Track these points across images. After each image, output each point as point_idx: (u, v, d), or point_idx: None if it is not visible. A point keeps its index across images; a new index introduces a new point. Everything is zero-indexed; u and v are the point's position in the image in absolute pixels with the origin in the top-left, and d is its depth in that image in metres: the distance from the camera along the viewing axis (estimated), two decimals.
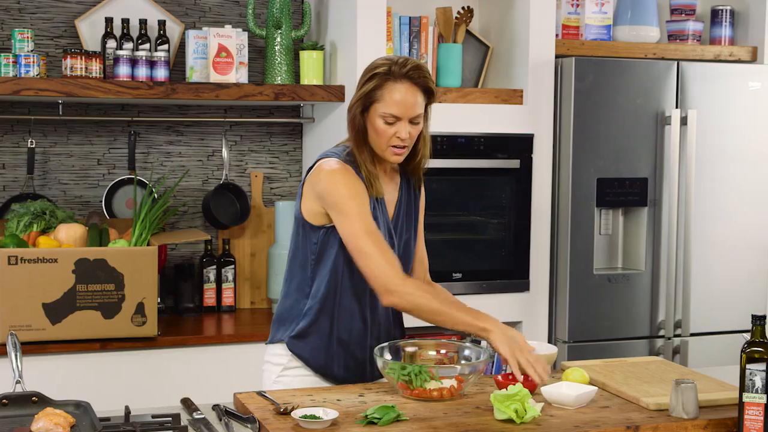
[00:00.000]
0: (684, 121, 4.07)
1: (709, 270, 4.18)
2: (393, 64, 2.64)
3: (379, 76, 2.64)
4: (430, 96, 2.70)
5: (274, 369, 2.80)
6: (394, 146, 2.65)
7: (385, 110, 2.62)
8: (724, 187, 4.19)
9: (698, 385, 2.47)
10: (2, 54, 3.62)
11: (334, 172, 2.64)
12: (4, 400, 2.28)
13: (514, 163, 3.99)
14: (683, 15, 4.44)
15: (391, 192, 2.78)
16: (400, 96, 2.62)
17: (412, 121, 2.65)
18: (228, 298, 4.14)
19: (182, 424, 2.31)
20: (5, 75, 3.59)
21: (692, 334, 4.15)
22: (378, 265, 2.57)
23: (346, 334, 2.74)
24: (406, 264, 2.81)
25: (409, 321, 3.87)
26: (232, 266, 4.14)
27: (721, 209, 4.19)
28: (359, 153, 2.68)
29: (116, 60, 3.76)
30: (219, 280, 4.12)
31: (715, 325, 4.21)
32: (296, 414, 2.27)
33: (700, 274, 4.16)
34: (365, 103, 2.66)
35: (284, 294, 2.80)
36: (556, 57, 4.04)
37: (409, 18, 4.03)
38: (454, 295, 3.89)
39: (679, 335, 4.14)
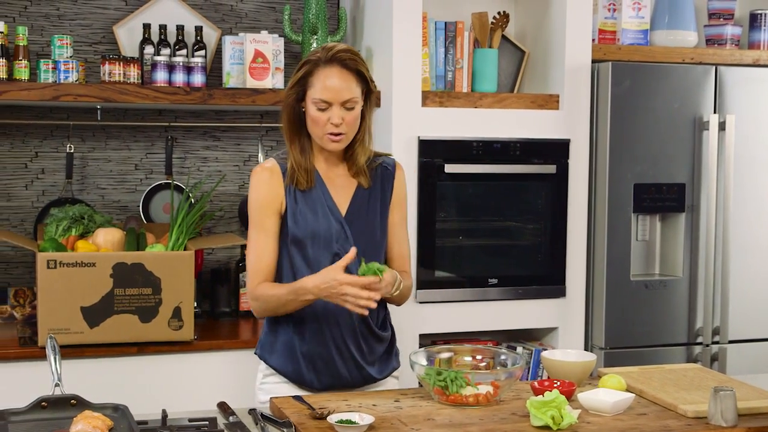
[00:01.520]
0: (722, 126, 4.03)
1: (747, 276, 4.14)
2: (323, 50, 2.65)
3: (310, 63, 2.66)
4: (365, 82, 2.68)
5: (258, 376, 2.84)
6: (331, 133, 2.64)
7: (316, 96, 2.62)
8: (763, 192, 4.14)
9: (737, 392, 2.44)
10: (42, 60, 3.66)
11: (251, 177, 2.76)
12: (43, 403, 2.30)
13: (551, 169, 3.97)
14: (721, 19, 4.41)
15: (343, 185, 2.75)
16: (329, 81, 2.62)
17: (346, 106, 2.63)
18: None
19: (218, 427, 2.32)
20: (45, 81, 3.63)
21: (731, 341, 4.12)
22: (247, 274, 2.75)
23: (306, 344, 2.72)
24: (376, 255, 2.74)
25: (439, 327, 3.88)
26: None
27: (759, 215, 4.15)
28: (290, 144, 2.73)
29: (154, 66, 3.79)
30: None
31: (754, 332, 4.17)
32: (332, 419, 2.27)
33: (739, 281, 4.12)
34: (298, 91, 2.67)
35: None
36: (593, 62, 4.02)
37: (445, 23, 4.02)
38: (488, 301, 3.92)
39: (717, 342, 4.10)
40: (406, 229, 2.90)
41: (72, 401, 2.32)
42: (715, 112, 4.05)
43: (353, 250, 2.58)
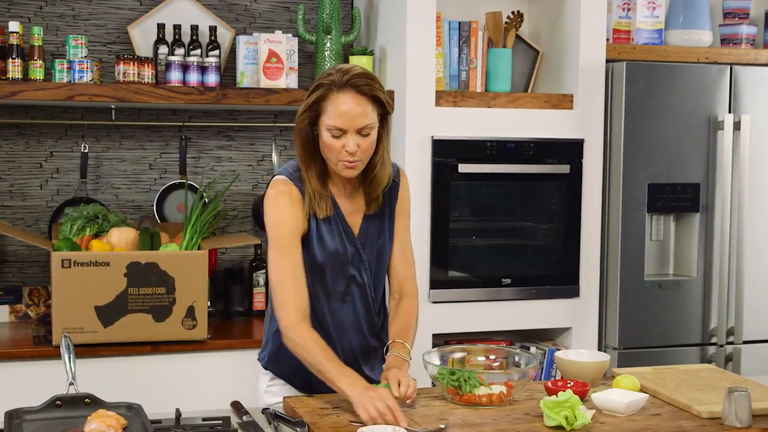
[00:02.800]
0: (737, 126, 4.02)
1: (762, 276, 4.13)
2: (337, 72, 2.50)
3: (323, 86, 2.51)
4: (382, 105, 2.54)
5: (264, 378, 2.80)
6: (345, 160, 2.51)
7: (330, 123, 2.48)
8: None
9: (752, 393, 2.43)
10: (57, 60, 3.68)
11: (269, 196, 2.59)
12: (57, 402, 2.31)
13: (564, 169, 3.96)
14: (736, 19, 4.39)
15: (355, 206, 2.67)
16: (343, 107, 2.47)
17: (361, 133, 2.49)
18: None
19: (232, 427, 2.33)
20: (60, 81, 3.64)
21: (745, 342, 4.10)
22: (279, 303, 2.56)
23: None
24: (382, 273, 2.73)
25: (452, 327, 3.88)
26: None
27: None
28: (306, 169, 2.57)
29: (168, 65, 3.80)
30: (268, 285, 4.13)
31: None
32: (363, 430, 2.21)
33: (753, 281, 4.11)
34: (311, 115, 2.53)
35: (268, 312, 2.78)
36: (607, 61, 4.01)
37: (459, 23, 4.02)
38: (502, 300, 3.92)
39: (731, 343, 4.09)
40: (409, 239, 2.80)
41: (86, 400, 2.33)
42: (730, 112, 4.03)
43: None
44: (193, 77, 3.80)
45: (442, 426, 2.27)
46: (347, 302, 2.68)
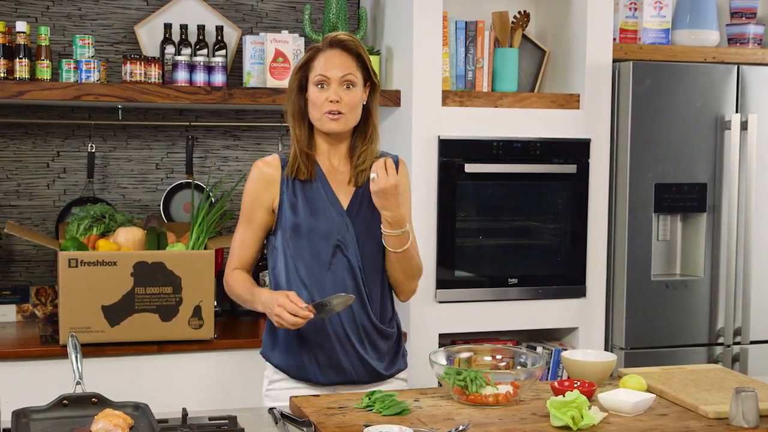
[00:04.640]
0: (744, 126, 4.01)
1: None
2: (325, 38, 2.74)
3: (312, 49, 2.75)
4: (366, 70, 2.74)
5: (264, 382, 2.84)
6: (329, 112, 2.67)
7: (315, 75, 2.69)
8: None
9: (759, 393, 2.43)
10: (64, 60, 3.68)
11: (251, 169, 2.81)
12: (64, 401, 2.32)
13: (571, 168, 3.96)
14: (744, 18, 4.38)
15: (345, 181, 2.77)
16: (328, 59, 2.69)
17: (345, 84, 2.68)
18: None
19: (239, 426, 2.33)
20: (66, 80, 3.65)
21: (752, 342, 4.09)
22: (228, 260, 2.86)
23: (306, 335, 2.71)
24: (377, 250, 2.75)
25: (458, 327, 3.87)
26: None
27: None
28: (294, 131, 2.76)
29: (174, 65, 3.80)
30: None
31: None
32: (370, 430, 2.21)
33: (761, 281, 4.10)
34: (301, 77, 2.73)
35: None
36: (614, 61, 4.01)
37: (465, 22, 4.02)
38: (508, 300, 3.92)
39: (738, 343, 4.08)
40: (410, 224, 2.85)
41: (93, 399, 2.33)
42: (737, 112, 4.03)
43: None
44: (200, 77, 3.81)
45: (462, 427, 2.27)
46: (333, 271, 2.72)
